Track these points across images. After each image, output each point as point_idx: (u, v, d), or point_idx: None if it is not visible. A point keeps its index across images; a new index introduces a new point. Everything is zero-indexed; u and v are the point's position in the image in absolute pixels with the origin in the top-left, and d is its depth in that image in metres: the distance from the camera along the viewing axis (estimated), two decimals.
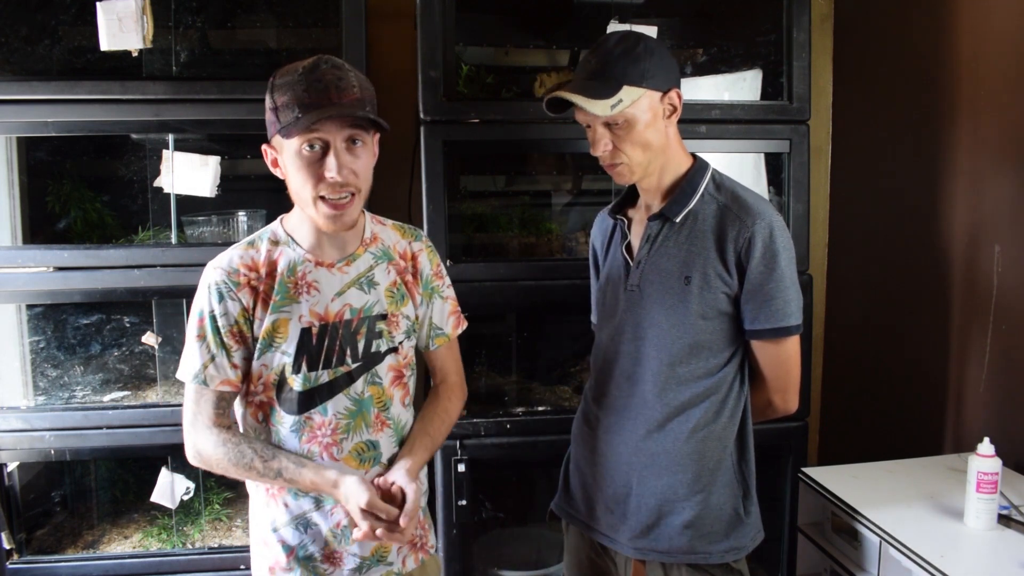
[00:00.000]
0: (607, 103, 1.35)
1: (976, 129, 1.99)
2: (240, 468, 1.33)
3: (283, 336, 1.34)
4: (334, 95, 1.24)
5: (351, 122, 1.26)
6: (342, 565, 1.40)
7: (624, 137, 1.40)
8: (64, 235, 2.17)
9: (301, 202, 1.32)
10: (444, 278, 1.55)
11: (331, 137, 1.25)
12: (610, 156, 1.42)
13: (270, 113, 1.30)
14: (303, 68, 1.26)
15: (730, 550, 1.46)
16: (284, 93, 1.26)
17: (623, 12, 2.13)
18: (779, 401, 1.50)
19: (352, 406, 1.38)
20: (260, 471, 1.33)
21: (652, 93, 1.40)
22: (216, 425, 1.34)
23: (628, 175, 1.45)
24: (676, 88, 1.43)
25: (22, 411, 2.04)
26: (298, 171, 1.28)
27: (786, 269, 1.41)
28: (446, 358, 1.57)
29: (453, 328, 1.56)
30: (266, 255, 1.37)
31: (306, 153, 1.26)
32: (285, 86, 1.26)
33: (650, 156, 1.43)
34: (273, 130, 1.31)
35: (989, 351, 1.94)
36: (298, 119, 1.23)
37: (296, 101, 1.24)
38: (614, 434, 1.51)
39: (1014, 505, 1.63)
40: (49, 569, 2.04)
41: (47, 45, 2.11)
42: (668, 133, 1.45)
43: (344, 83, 1.26)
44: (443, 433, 1.51)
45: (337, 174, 1.26)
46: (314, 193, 1.28)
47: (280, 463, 1.33)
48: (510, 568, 2.26)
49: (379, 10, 2.17)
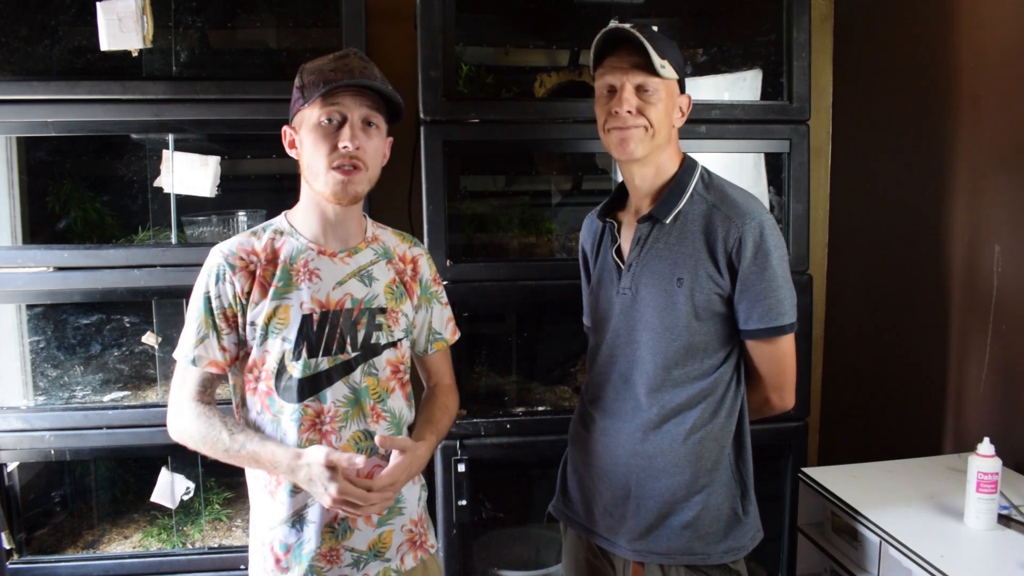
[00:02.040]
0: (660, 60, 1.38)
1: (976, 129, 1.99)
2: (208, 442, 1.35)
3: (284, 322, 1.36)
4: (357, 74, 1.34)
5: (369, 101, 1.35)
6: (340, 561, 1.40)
7: (649, 106, 1.41)
8: (64, 235, 2.17)
9: (312, 174, 1.37)
10: (441, 285, 1.60)
11: (349, 112, 1.34)
12: (634, 115, 1.40)
13: (296, 92, 1.38)
14: (334, 55, 1.37)
15: (729, 550, 1.46)
16: (312, 74, 1.35)
17: (623, 12, 2.13)
18: (776, 399, 1.50)
19: (350, 394, 1.40)
20: (226, 444, 1.34)
21: (676, 86, 1.44)
22: (196, 400, 1.39)
23: (639, 141, 1.41)
24: (688, 96, 1.48)
25: (22, 411, 2.04)
26: (314, 143, 1.35)
27: (778, 268, 1.41)
28: (441, 363, 1.61)
29: (451, 334, 1.61)
30: (267, 242, 1.41)
31: (324, 124, 1.34)
32: (314, 69, 1.36)
33: (660, 138, 1.44)
34: (296, 108, 1.38)
35: (989, 351, 1.94)
36: (321, 89, 1.32)
37: (322, 78, 1.33)
38: (611, 437, 1.51)
39: (1014, 505, 1.63)
40: (49, 569, 2.04)
41: (47, 45, 2.11)
42: (672, 132, 1.47)
43: (368, 70, 1.36)
44: (446, 425, 1.53)
45: (350, 143, 1.32)
46: (327, 162, 1.34)
47: (247, 436, 1.35)
48: (510, 568, 2.26)
49: (379, 10, 2.17)
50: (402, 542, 1.47)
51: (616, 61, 1.41)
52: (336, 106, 1.33)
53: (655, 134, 1.42)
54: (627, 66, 1.40)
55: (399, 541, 1.46)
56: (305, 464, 1.30)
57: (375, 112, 1.36)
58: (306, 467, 1.30)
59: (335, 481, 1.28)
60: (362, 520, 1.41)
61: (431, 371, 1.61)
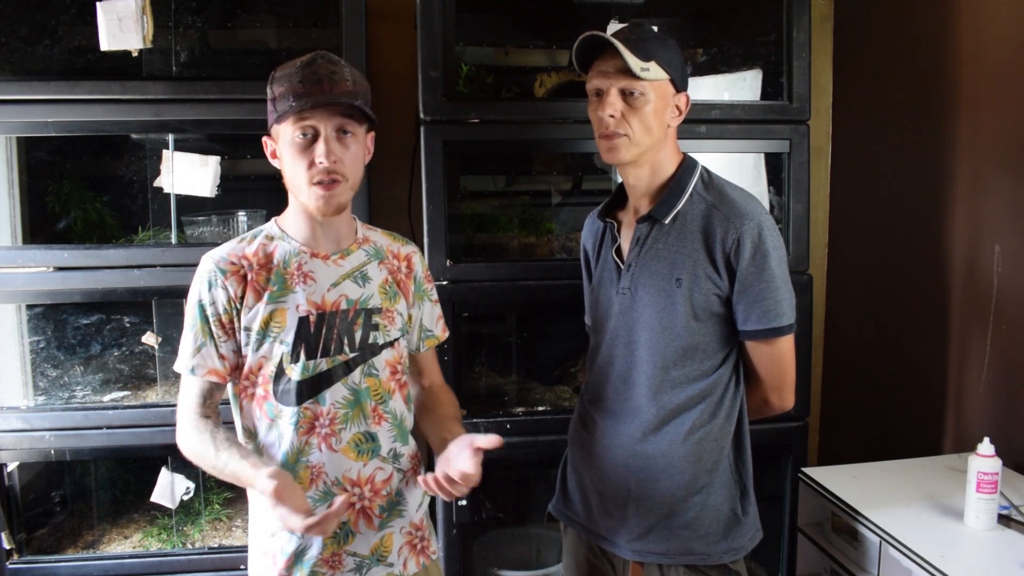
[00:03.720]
0: (639, 63, 1.37)
1: (976, 129, 1.99)
2: (198, 456, 1.34)
3: (281, 326, 1.36)
4: (327, 86, 1.30)
5: (341, 112, 1.32)
6: (342, 566, 1.40)
7: (635, 110, 1.40)
8: (64, 235, 2.17)
9: (295, 188, 1.38)
10: (432, 283, 1.60)
11: (321, 125, 1.31)
12: (615, 124, 1.40)
13: (269, 104, 1.37)
14: (301, 62, 1.33)
15: (728, 551, 1.46)
16: (281, 84, 1.33)
17: (623, 12, 2.13)
18: (775, 400, 1.50)
19: (350, 395, 1.39)
20: (212, 461, 1.32)
21: (670, 85, 1.43)
22: (196, 413, 1.37)
23: (624, 150, 1.42)
24: (687, 94, 1.46)
25: (22, 411, 2.04)
26: (292, 158, 1.34)
27: (776, 268, 1.40)
28: (432, 361, 1.62)
29: (441, 331, 1.61)
30: (259, 247, 1.40)
31: (298, 140, 1.32)
32: (283, 78, 1.33)
33: (648, 142, 1.43)
34: (271, 120, 1.37)
35: (989, 351, 1.94)
36: (291, 107, 1.29)
37: (291, 91, 1.31)
38: (610, 437, 1.51)
39: (1014, 505, 1.63)
40: (49, 569, 2.04)
41: (47, 45, 2.11)
42: (670, 133, 1.46)
43: (337, 76, 1.32)
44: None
45: (325, 159, 1.30)
46: (307, 178, 1.33)
47: (229, 452, 1.30)
48: (510, 568, 2.26)
49: (379, 10, 2.17)
50: (403, 545, 1.46)
51: (601, 65, 1.41)
52: (307, 121, 1.30)
53: (642, 138, 1.41)
54: (611, 70, 1.39)
55: (399, 544, 1.46)
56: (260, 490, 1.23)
57: (349, 120, 1.33)
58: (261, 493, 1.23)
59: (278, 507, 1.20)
60: (363, 523, 1.41)
61: (424, 369, 1.60)
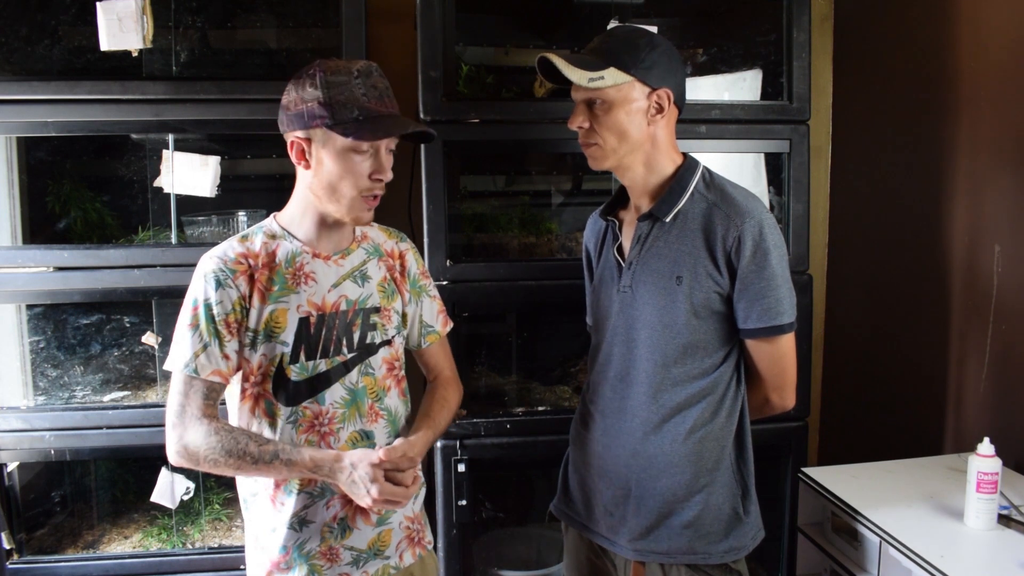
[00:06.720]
0: (586, 74, 1.37)
1: (976, 129, 1.99)
2: (234, 456, 1.30)
3: (282, 326, 1.37)
4: (388, 103, 1.36)
5: None
6: (339, 560, 1.41)
7: (601, 119, 1.41)
8: (64, 235, 2.17)
9: (330, 194, 1.37)
10: (429, 279, 1.61)
11: (383, 142, 1.37)
12: (584, 135, 1.45)
13: (315, 104, 1.32)
14: (357, 70, 1.33)
15: (730, 550, 1.46)
16: (340, 92, 1.31)
17: (623, 12, 2.13)
18: (776, 399, 1.50)
19: (347, 395, 1.41)
20: (255, 455, 1.31)
21: (640, 85, 1.41)
22: (205, 416, 1.33)
23: (600, 158, 1.45)
24: (669, 89, 1.42)
25: (22, 411, 2.04)
26: (344, 169, 1.34)
27: (777, 267, 1.40)
28: (439, 355, 1.62)
29: (443, 326, 1.61)
30: (262, 246, 1.40)
31: (363, 150, 1.34)
32: (340, 85, 1.31)
33: (626, 147, 1.43)
34: (316, 122, 1.32)
35: (989, 351, 1.94)
36: (360, 121, 1.31)
37: (355, 103, 1.32)
38: (611, 436, 1.51)
39: (1014, 505, 1.63)
40: (49, 569, 2.03)
41: (47, 45, 2.11)
42: (652, 131, 1.44)
43: (390, 92, 1.38)
44: (445, 419, 1.53)
45: (386, 175, 1.37)
46: (358, 190, 1.36)
47: (277, 444, 1.33)
48: (510, 568, 2.26)
49: (379, 10, 2.17)
50: (400, 539, 1.48)
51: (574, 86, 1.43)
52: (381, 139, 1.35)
53: (614, 145, 1.42)
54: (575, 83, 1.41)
55: (398, 539, 1.48)
56: (348, 466, 1.32)
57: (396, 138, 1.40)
58: (349, 469, 1.32)
59: (378, 483, 1.30)
60: (361, 520, 1.42)
61: (430, 365, 1.62)
